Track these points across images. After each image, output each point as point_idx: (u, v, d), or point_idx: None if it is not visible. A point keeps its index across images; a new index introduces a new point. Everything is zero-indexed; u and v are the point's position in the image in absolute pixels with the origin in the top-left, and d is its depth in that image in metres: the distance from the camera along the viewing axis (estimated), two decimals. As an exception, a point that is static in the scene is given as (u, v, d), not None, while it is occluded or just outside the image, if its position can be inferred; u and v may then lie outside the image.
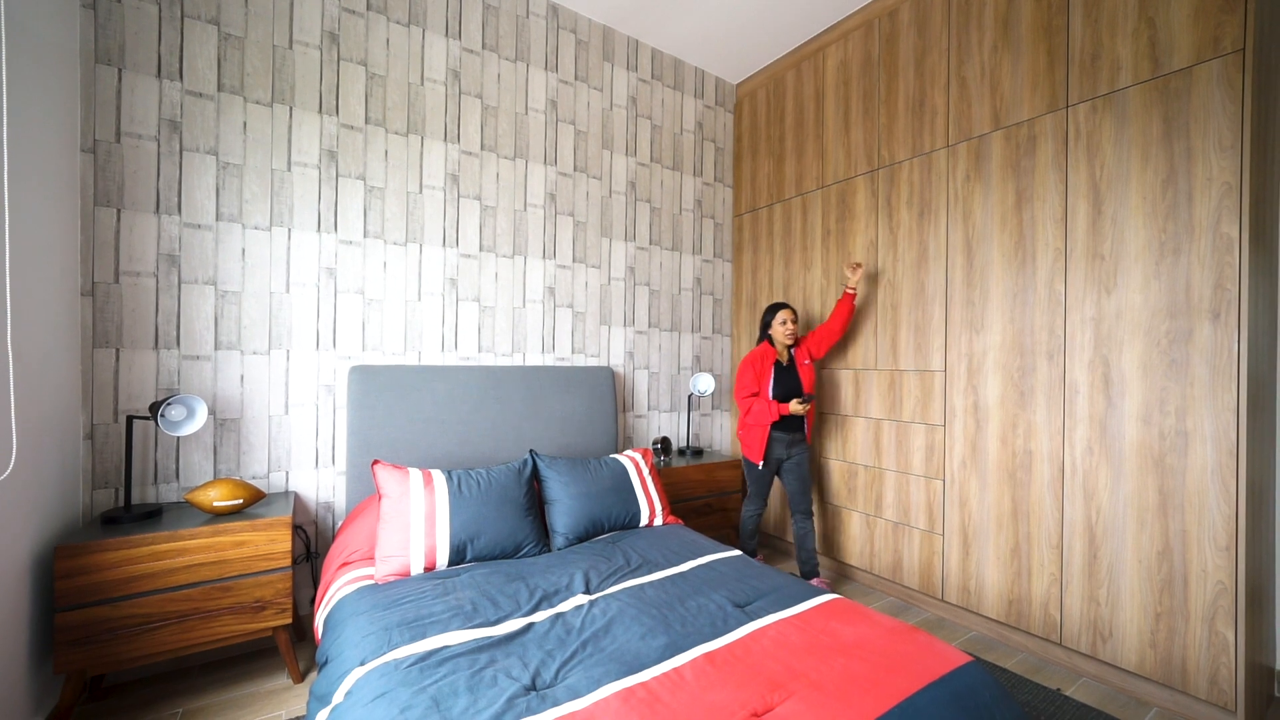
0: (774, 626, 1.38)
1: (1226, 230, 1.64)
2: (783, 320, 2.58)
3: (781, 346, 2.62)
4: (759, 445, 2.55)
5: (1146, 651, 1.80)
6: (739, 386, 2.60)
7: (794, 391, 2.55)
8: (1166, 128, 1.76)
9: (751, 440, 2.58)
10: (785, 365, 2.59)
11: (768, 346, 2.61)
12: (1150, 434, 1.79)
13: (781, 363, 2.59)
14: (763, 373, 2.56)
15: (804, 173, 3.07)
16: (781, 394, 2.54)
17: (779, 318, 2.60)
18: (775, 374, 2.57)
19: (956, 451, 2.33)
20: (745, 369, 2.58)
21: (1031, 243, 2.09)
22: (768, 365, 2.57)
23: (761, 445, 2.53)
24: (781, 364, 2.59)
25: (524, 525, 1.95)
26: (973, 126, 2.29)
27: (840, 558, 2.84)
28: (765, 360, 2.57)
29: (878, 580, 2.71)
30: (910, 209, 2.52)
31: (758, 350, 2.61)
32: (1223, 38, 1.65)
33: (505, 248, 2.72)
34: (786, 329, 2.57)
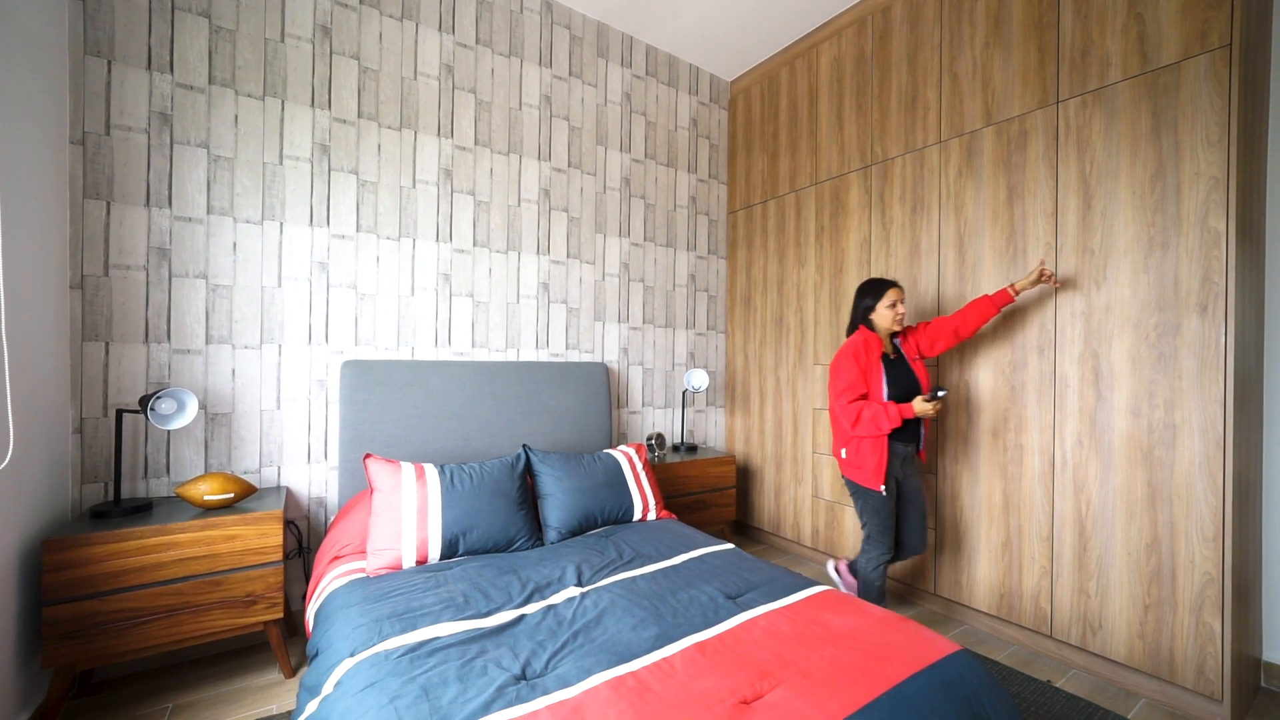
0: (765, 617, 1.38)
1: (1214, 224, 1.66)
2: (891, 301, 2.02)
3: (886, 335, 2.08)
4: (878, 463, 1.94)
5: (1135, 643, 1.81)
6: (841, 386, 1.97)
7: (913, 391, 1.99)
8: (1155, 122, 1.78)
9: (865, 458, 1.97)
10: (894, 358, 2.05)
11: (870, 334, 2.04)
12: (1139, 427, 1.80)
13: (889, 355, 2.05)
14: (870, 367, 1.99)
15: (798, 169, 3.08)
16: (898, 394, 1.98)
17: (886, 298, 2.02)
18: (885, 369, 2.00)
19: (948, 446, 2.33)
20: (848, 363, 1.98)
21: (1023, 238, 2.10)
22: (875, 358, 2.00)
23: (882, 463, 1.94)
24: (889, 357, 2.04)
25: (517, 519, 1.95)
26: (964, 122, 2.30)
27: (837, 554, 2.85)
28: (871, 352, 2.00)
29: (871, 575, 2.71)
30: (903, 205, 2.53)
31: (859, 339, 2.02)
32: (1210, 33, 1.67)
33: (499, 243, 2.72)
34: (896, 312, 2.02)
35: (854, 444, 2.01)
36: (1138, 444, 1.81)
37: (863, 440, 1.98)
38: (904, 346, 2.10)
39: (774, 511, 3.22)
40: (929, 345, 2.09)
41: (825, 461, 2.89)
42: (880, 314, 2.05)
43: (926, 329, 2.09)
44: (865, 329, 2.06)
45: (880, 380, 1.98)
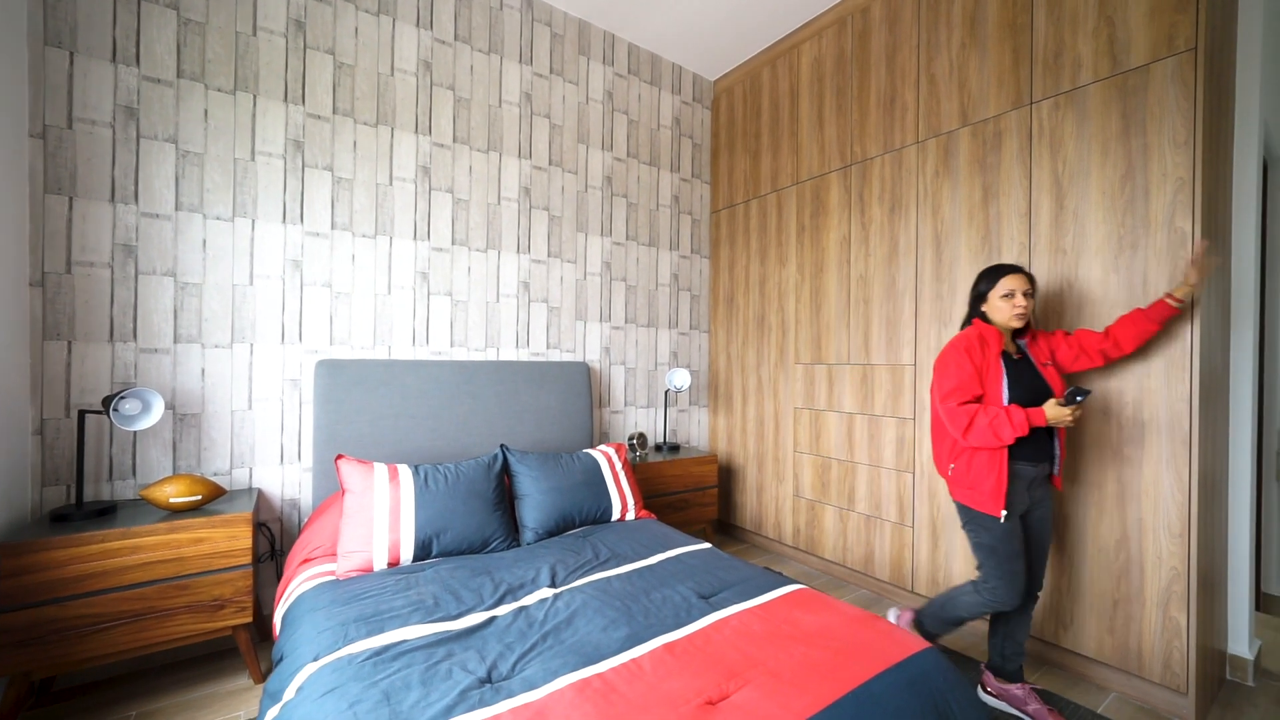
0: (737, 616, 1.38)
1: (1181, 224, 1.68)
2: (1008, 290, 1.63)
3: (1006, 331, 1.70)
4: (997, 482, 1.56)
5: (1105, 637, 1.83)
6: (949, 386, 1.61)
7: (1042, 398, 1.60)
8: (1125, 124, 1.80)
9: (980, 476, 1.59)
10: (1017, 359, 1.68)
11: (986, 328, 1.67)
12: (1110, 425, 1.82)
13: (1011, 354, 1.69)
14: (987, 366, 1.61)
15: (779, 169, 3.09)
16: (1023, 400, 1.59)
17: (1001, 286, 1.65)
18: (1005, 369, 1.62)
19: (926, 444, 2.35)
20: (958, 358, 1.62)
21: (997, 237, 2.12)
22: (993, 356, 1.63)
23: (1002, 481, 1.56)
24: (1011, 356, 1.68)
25: (492, 520, 1.93)
26: (941, 123, 2.31)
27: (816, 552, 2.86)
28: (989, 348, 1.64)
29: (851, 574, 2.73)
30: (882, 204, 2.55)
31: (973, 332, 1.67)
32: (1176, 36, 1.69)
33: (478, 241, 2.69)
34: (1015, 305, 1.62)
35: (965, 458, 1.62)
36: (1108, 442, 1.83)
37: (976, 454, 1.59)
38: (1031, 349, 1.71)
39: (756, 510, 3.22)
40: (1069, 359, 1.72)
41: (806, 460, 2.90)
42: (994, 305, 1.66)
43: (1068, 340, 1.73)
44: (981, 322, 1.70)
45: (1000, 381, 1.59)
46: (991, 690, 1.77)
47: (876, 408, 2.55)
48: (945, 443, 1.72)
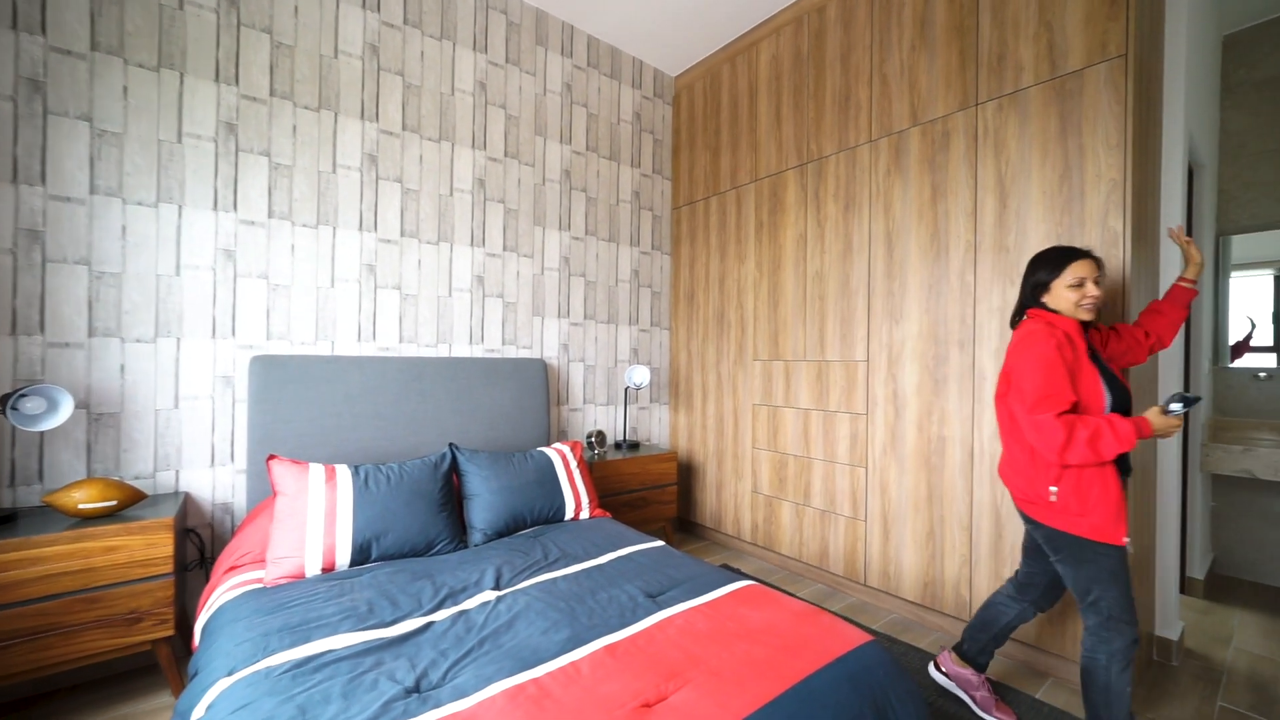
0: (682, 615, 1.36)
1: (1113, 224, 1.74)
2: (1076, 279, 1.42)
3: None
4: (1117, 505, 1.34)
5: (1045, 626, 1.89)
6: (1040, 391, 1.34)
7: (1126, 401, 1.41)
8: (1063, 126, 1.85)
9: (1094, 500, 1.34)
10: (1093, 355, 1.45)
11: (1064, 320, 1.43)
12: (1048, 418, 1.88)
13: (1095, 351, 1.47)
14: (1079, 367, 1.38)
15: (738, 166, 3.09)
16: (1115, 404, 1.39)
17: (1068, 274, 1.43)
18: (1100, 371, 1.40)
19: (878, 439, 2.38)
20: (1049, 357, 1.35)
21: (945, 235, 2.16)
22: (1083, 354, 1.40)
23: (1121, 503, 1.34)
24: (1096, 354, 1.46)
25: (437, 521, 1.86)
26: (893, 122, 2.35)
27: (774, 548, 2.88)
28: (1077, 345, 1.41)
29: (807, 568, 2.75)
30: (836, 202, 2.57)
31: (1055, 327, 1.41)
32: (1109, 43, 1.75)
33: (429, 234, 2.60)
34: (1085, 295, 1.41)
35: (1072, 479, 1.35)
36: (1047, 434, 1.88)
37: (1084, 473, 1.34)
38: (1094, 339, 1.55)
39: (715, 507, 3.22)
40: (1119, 355, 1.59)
41: (764, 457, 2.91)
42: (1058, 296, 1.44)
43: (1120, 338, 1.59)
44: (1046, 313, 1.46)
45: (1098, 384, 1.37)
46: (945, 670, 1.75)
47: (831, 403, 2.57)
48: (1038, 460, 1.41)
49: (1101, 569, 1.36)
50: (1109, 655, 1.35)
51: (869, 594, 2.48)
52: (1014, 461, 1.51)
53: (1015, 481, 1.52)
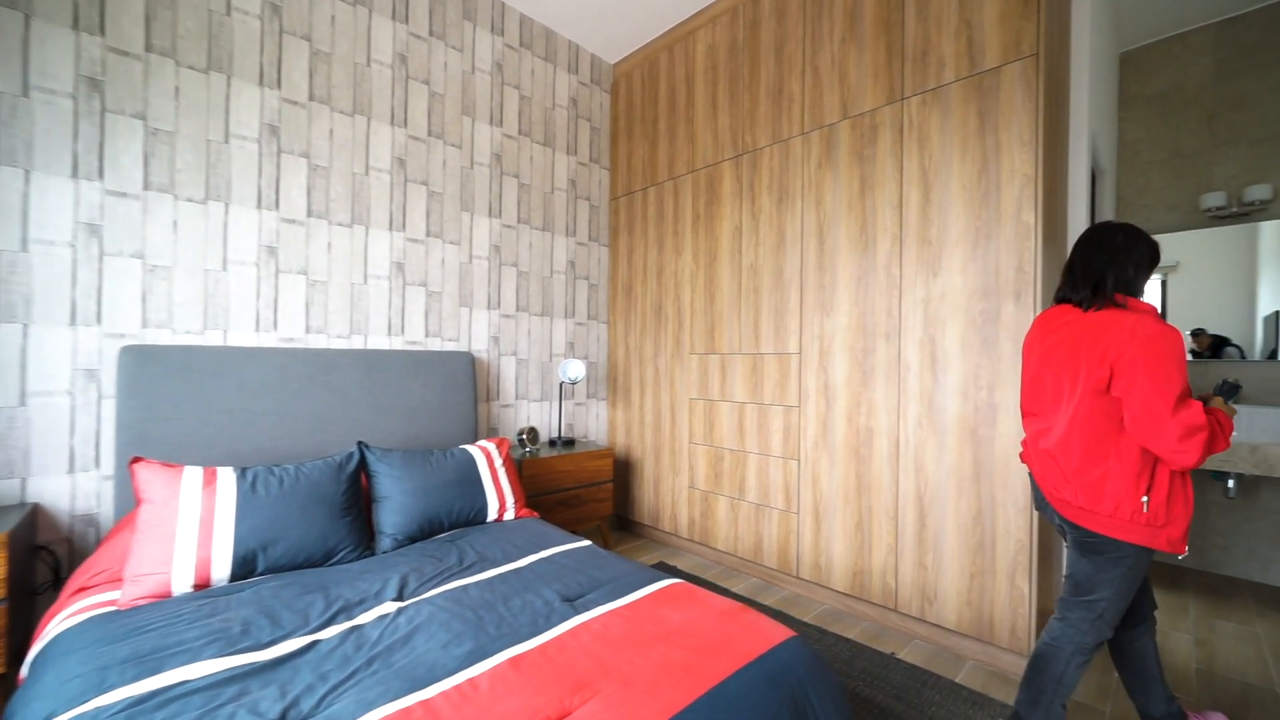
0: (599, 619, 1.27)
1: (1026, 218, 1.79)
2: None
3: None
4: (1191, 515, 1.28)
5: (964, 610, 1.93)
6: (1179, 387, 1.19)
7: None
8: (981, 122, 1.90)
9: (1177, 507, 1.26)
10: None
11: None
12: (967, 408, 1.92)
13: None
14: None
15: (675, 156, 3.04)
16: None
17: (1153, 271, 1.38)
18: None
19: (810, 432, 2.39)
20: (1180, 352, 1.21)
21: (873, 228, 2.18)
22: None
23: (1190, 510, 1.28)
24: None
25: (339, 527, 1.69)
26: (824, 115, 2.35)
27: (710, 543, 2.84)
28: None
29: (743, 563, 2.74)
30: (770, 194, 2.56)
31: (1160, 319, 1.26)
32: (1022, 42, 1.80)
33: (341, 215, 2.39)
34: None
35: (1162, 489, 1.24)
36: (966, 424, 1.92)
37: (1174, 483, 1.25)
38: None
39: (653, 504, 3.16)
40: None
41: (700, 451, 2.87)
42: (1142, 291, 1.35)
43: None
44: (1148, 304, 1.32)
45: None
46: None
47: (766, 396, 2.56)
48: (1132, 470, 1.24)
49: (1132, 577, 1.29)
50: (1076, 649, 1.34)
51: (802, 586, 2.48)
52: (1095, 471, 1.28)
53: (1090, 494, 1.29)
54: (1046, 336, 1.40)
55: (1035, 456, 1.43)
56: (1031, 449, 1.44)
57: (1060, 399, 1.34)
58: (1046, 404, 1.39)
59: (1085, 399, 1.28)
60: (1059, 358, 1.34)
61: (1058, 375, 1.35)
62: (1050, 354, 1.37)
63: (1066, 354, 1.33)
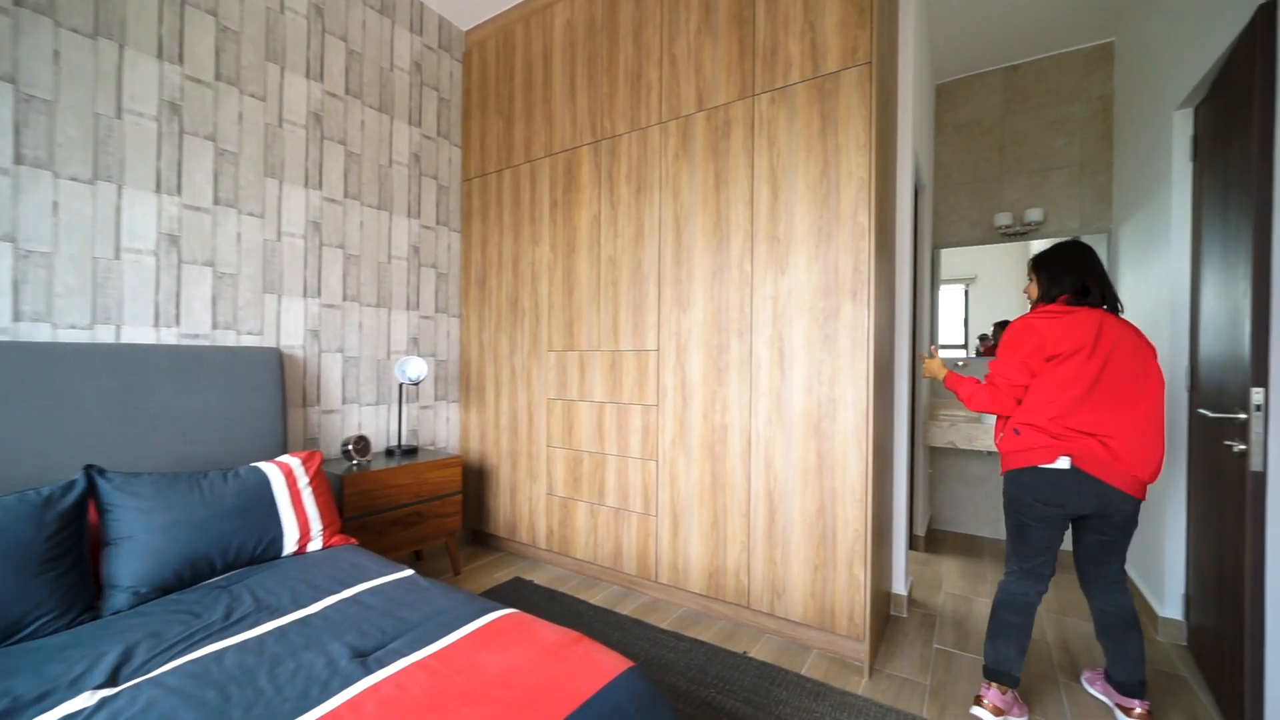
0: (396, 677, 1.02)
1: (861, 220, 1.87)
2: None
3: None
4: None
5: (809, 601, 1.97)
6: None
7: None
8: (823, 124, 1.95)
9: None
10: None
11: None
12: (811, 403, 1.96)
13: None
14: None
15: (532, 138, 2.81)
16: None
17: None
18: None
19: (668, 431, 2.32)
20: None
21: (727, 224, 2.16)
22: None
23: None
24: None
25: (34, 588, 1.22)
26: (681, 105, 2.29)
27: (570, 553, 2.66)
28: None
29: (603, 571, 2.60)
30: (629, 184, 2.45)
31: None
32: (858, 49, 1.87)
33: (78, 167, 1.81)
34: None
35: None
36: (810, 418, 1.97)
37: None
38: None
39: (509, 514, 2.91)
40: None
41: (559, 455, 2.68)
42: None
43: None
44: None
45: None
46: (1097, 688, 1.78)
47: (624, 395, 2.45)
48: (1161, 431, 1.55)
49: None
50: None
51: (661, 590, 2.41)
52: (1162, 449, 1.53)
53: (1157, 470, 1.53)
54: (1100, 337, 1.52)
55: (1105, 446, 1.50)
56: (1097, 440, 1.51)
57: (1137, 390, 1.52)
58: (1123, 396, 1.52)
59: (1158, 389, 1.53)
60: (1126, 354, 1.52)
61: (1133, 371, 1.52)
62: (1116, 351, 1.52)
63: (1132, 351, 1.53)
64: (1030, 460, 1.55)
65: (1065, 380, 1.52)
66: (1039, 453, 1.54)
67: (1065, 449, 1.52)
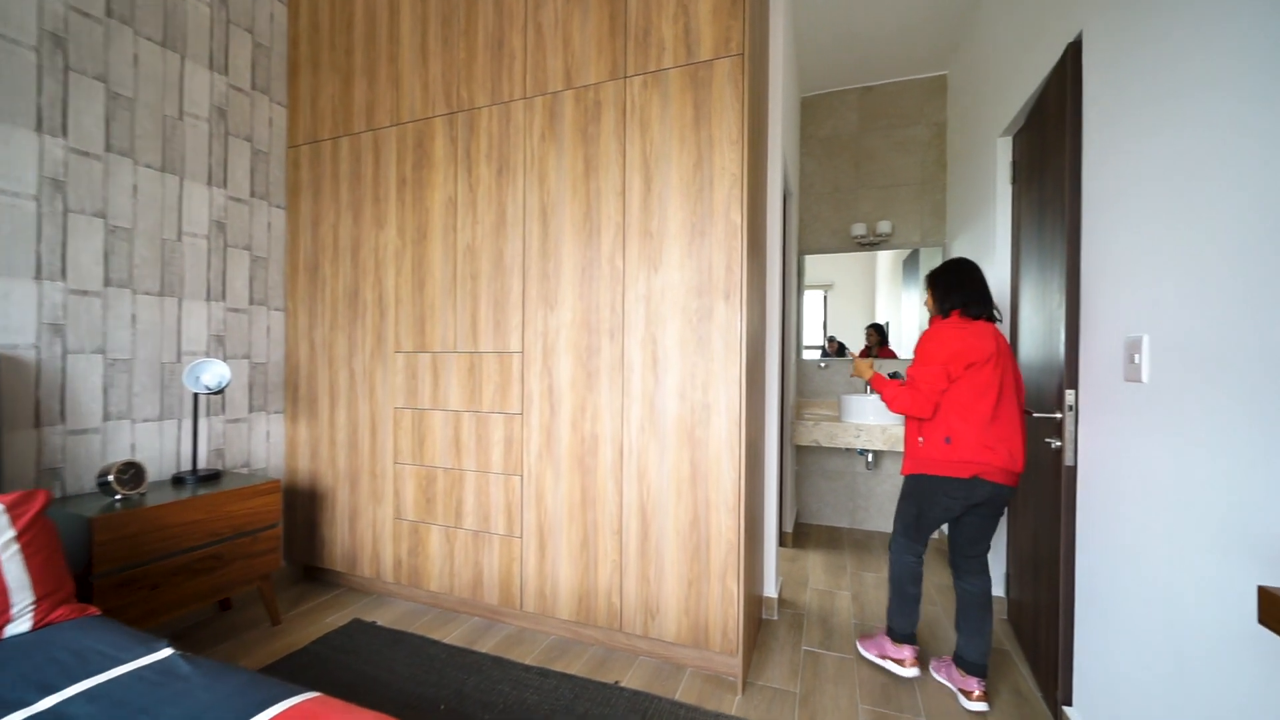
0: None
1: (734, 218, 1.79)
2: None
3: None
4: None
5: (683, 619, 1.86)
6: None
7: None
8: (697, 114, 1.84)
9: None
10: None
11: None
12: (685, 409, 1.86)
13: None
14: None
15: (376, 101, 2.40)
16: None
17: None
18: None
19: (533, 442, 2.08)
20: None
21: (598, 215, 1.98)
22: None
23: None
24: None
25: None
26: (548, 80, 2.07)
27: (422, 585, 2.31)
28: None
29: (461, 603, 2.29)
30: (490, 164, 2.17)
31: None
32: (731, 39, 1.79)
33: None
34: None
35: None
36: (684, 425, 1.86)
37: None
38: None
39: (349, 545, 2.47)
40: None
41: (408, 472, 2.32)
42: None
43: None
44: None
45: None
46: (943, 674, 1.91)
47: (485, 403, 2.17)
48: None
49: None
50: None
51: (527, 620, 2.17)
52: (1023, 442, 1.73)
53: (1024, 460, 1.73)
54: (999, 346, 1.73)
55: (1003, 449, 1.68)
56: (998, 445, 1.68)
57: (1018, 394, 1.76)
58: (1014, 399, 1.73)
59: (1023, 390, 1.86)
60: (1010, 361, 1.76)
61: (1014, 376, 1.76)
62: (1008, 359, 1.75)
63: (1011, 357, 1.77)
64: (950, 472, 1.72)
65: (983, 387, 1.68)
66: (960, 467, 1.70)
67: (981, 467, 1.69)
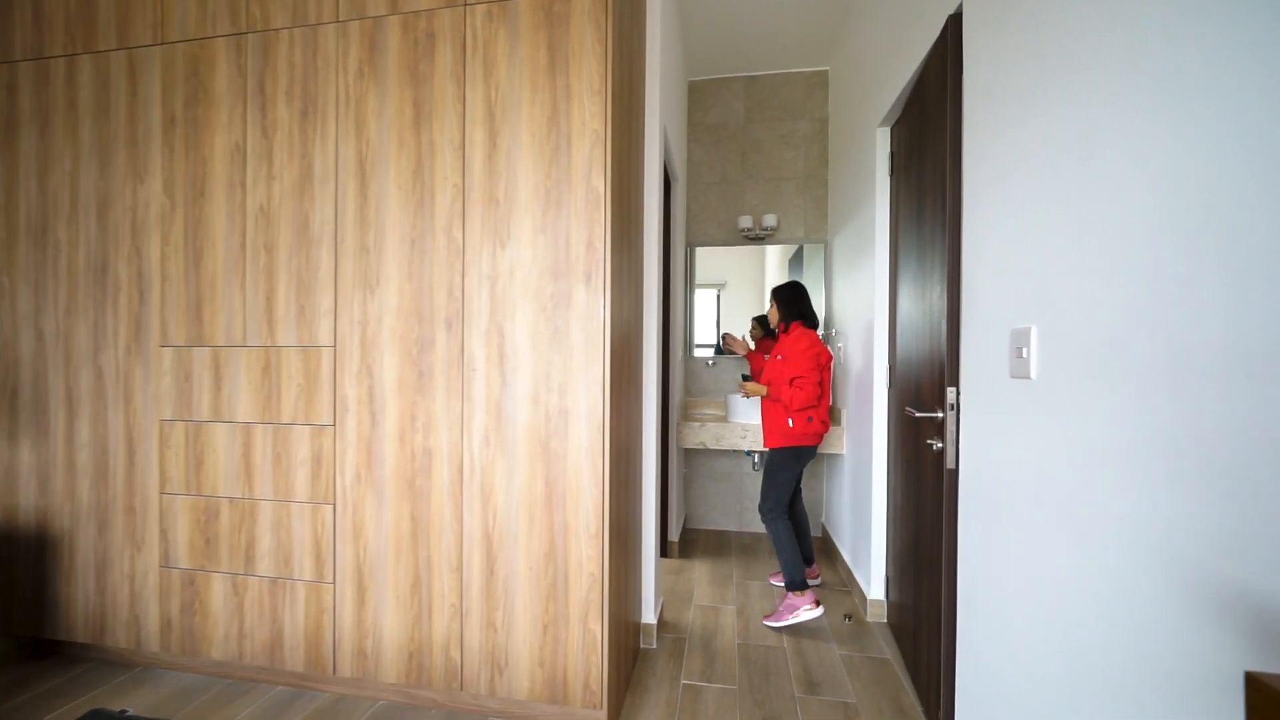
0: None
1: (596, 184, 1.49)
2: None
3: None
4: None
5: (536, 672, 1.53)
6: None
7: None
8: (551, 58, 1.52)
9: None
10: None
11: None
12: (538, 416, 1.53)
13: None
14: None
15: (131, 10, 1.80)
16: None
17: None
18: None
19: (349, 461, 1.64)
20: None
21: (430, 174, 1.59)
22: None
23: None
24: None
25: None
26: (367, 2, 1.63)
27: (201, 652, 1.75)
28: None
29: (256, 671, 1.78)
30: (290, 104, 1.68)
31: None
32: (592, -32, 1.49)
33: None
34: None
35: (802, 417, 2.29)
36: (537, 436, 1.53)
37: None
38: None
39: (94, 605, 1.83)
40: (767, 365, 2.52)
41: (180, 505, 1.75)
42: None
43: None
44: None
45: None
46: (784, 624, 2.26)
47: (285, 413, 1.68)
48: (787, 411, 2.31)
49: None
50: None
51: (343, 686, 1.71)
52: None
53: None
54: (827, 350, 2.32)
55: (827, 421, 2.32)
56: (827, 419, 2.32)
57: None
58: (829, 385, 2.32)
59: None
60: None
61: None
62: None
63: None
64: (810, 442, 2.28)
65: (826, 381, 2.25)
66: (814, 439, 2.29)
67: (818, 437, 2.31)
